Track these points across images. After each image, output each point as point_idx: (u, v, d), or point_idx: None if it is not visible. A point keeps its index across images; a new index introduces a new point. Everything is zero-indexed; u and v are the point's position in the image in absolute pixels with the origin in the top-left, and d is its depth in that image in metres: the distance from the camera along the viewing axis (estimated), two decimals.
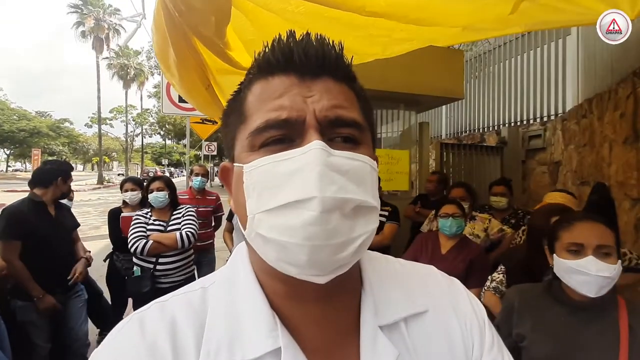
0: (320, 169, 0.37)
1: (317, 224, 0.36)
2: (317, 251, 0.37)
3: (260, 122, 0.41)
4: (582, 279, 1.10)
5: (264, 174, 0.40)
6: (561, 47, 4.62)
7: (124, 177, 3.85)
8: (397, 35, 1.55)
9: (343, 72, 0.45)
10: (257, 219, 0.40)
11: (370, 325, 0.45)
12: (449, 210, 2.29)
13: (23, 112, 40.21)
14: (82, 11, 33.64)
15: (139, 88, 42.16)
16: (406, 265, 0.56)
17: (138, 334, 0.42)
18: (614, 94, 2.79)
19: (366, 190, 0.40)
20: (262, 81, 0.44)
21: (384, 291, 0.49)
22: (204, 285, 0.48)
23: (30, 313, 2.27)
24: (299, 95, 0.41)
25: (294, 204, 0.37)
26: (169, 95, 5.30)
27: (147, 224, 2.61)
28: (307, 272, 0.39)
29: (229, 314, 0.44)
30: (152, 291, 2.51)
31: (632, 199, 2.50)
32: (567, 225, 1.19)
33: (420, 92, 3.62)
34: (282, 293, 0.44)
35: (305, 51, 0.42)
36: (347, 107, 0.43)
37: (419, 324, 0.47)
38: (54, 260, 2.36)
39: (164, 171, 41.84)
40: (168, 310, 0.45)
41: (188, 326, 0.43)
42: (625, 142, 2.59)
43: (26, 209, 2.32)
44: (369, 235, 0.41)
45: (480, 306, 0.53)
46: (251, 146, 0.42)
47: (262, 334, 0.42)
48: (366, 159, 0.42)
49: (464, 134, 6.87)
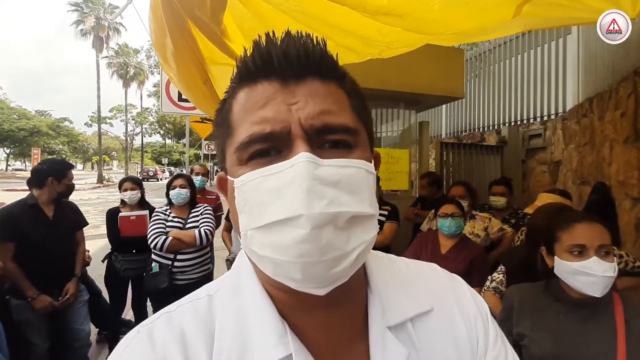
0: (308, 183, 0.35)
1: (308, 242, 0.35)
2: (310, 267, 0.36)
3: (244, 136, 0.40)
4: (588, 280, 1.10)
5: (253, 190, 0.38)
6: (562, 46, 4.61)
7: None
8: (393, 39, 1.54)
9: (329, 70, 0.42)
10: (249, 235, 0.39)
11: (378, 327, 0.45)
12: (448, 210, 2.29)
13: (23, 111, 40.22)
14: (82, 9, 33.61)
15: (139, 87, 42.20)
16: (410, 264, 0.55)
17: (148, 347, 0.41)
18: (614, 93, 2.78)
19: (362, 198, 0.38)
20: (245, 89, 0.42)
21: (390, 292, 0.48)
22: (209, 293, 0.47)
23: (26, 312, 2.27)
24: (282, 104, 0.39)
25: (283, 222, 0.36)
26: (169, 94, 5.29)
27: (166, 221, 2.65)
28: (304, 285, 0.38)
29: (237, 322, 0.43)
30: (170, 288, 2.53)
31: (632, 198, 2.49)
32: (566, 227, 1.20)
33: (420, 91, 3.61)
34: (288, 302, 0.44)
35: (286, 53, 0.40)
36: (335, 112, 0.40)
37: (425, 323, 0.47)
38: (51, 261, 2.34)
39: (164, 170, 41.86)
40: (176, 321, 0.44)
41: (198, 336, 0.42)
42: (626, 141, 2.58)
43: (19, 211, 2.31)
44: (367, 245, 0.39)
45: (483, 301, 0.53)
46: (239, 160, 0.41)
47: (272, 341, 0.41)
48: (360, 163, 0.40)
49: (464, 133, 6.86)
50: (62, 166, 2.53)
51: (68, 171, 2.52)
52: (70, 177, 2.53)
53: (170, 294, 2.61)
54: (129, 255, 3.01)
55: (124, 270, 3.00)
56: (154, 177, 35.07)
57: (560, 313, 1.20)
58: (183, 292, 2.05)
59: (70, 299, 2.42)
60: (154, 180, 33.37)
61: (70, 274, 2.48)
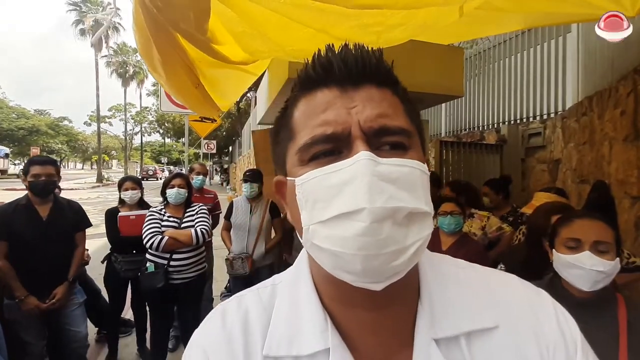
0: (369, 179, 0.37)
1: (368, 235, 0.37)
2: (370, 260, 0.38)
3: (307, 138, 0.42)
4: (577, 272, 1.13)
5: (315, 187, 0.40)
6: (561, 44, 4.59)
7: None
8: (390, 22, 1.51)
9: (385, 77, 0.45)
10: (311, 230, 0.41)
11: (424, 337, 0.43)
12: (448, 208, 2.33)
13: (22, 111, 40.19)
14: (80, 9, 33.52)
15: (138, 86, 42.11)
16: (481, 272, 0.51)
17: (220, 325, 0.48)
18: (614, 91, 2.78)
19: (418, 196, 0.40)
20: (306, 97, 0.45)
21: (445, 300, 0.45)
22: (274, 283, 0.52)
23: (16, 311, 2.26)
24: (342, 108, 0.42)
25: (346, 215, 0.38)
26: (167, 94, 5.28)
27: (161, 220, 2.64)
28: (362, 279, 0.40)
29: (290, 311, 0.47)
30: (166, 287, 2.53)
31: (632, 197, 2.49)
32: (566, 222, 1.22)
33: (420, 90, 3.59)
34: (336, 297, 0.46)
35: (345, 61, 0.43)
36: (392, 115, 0.43)
37: (484, 341, 0.43)
38: (42, 262, 2.31)
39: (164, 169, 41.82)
40: (243, 304, 0.50)
41: (257, 320, 0.48)
42: (626, 140, 2.57)
43: (12, 210, 2.30)
44: (424, 241, 0.41)
45: (573, 326, 0.48)
46: (301, 160, 0.43)
47: (316, 333, 0.44)
48: (415, 163, 0.41)
49: (463, 132, 6.85)
50: (28, 162, 2.42)
51: (30, 167, 2.34)
52: (32, 172, 2.32)
53: (166, 294, 2.61)
54: (129, 255, 3.00)
55: (124, 271, 2.99)
56: (153, 176, 35.06)
57: None
58: (179, 292, 2.09)
59: (56, 304, 2.34)
60: (154, 179, 33.34)
61: (63, 277, 2.42)
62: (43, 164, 2.36)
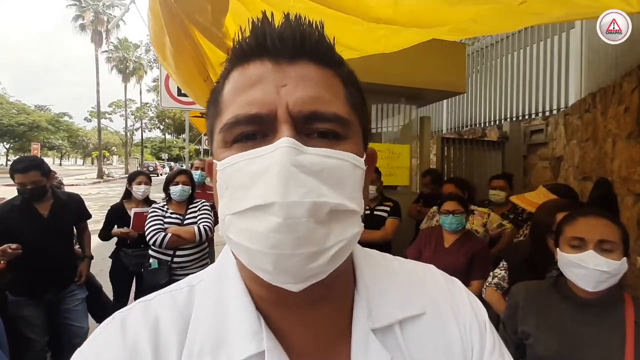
0: (286, 170, 0.33)
1: (282, 232, 0.33)
2: (283, 260, 0.35)
3: (230, 116, 0.38)
4: (580, 272, 1.11)
5: (234, 174, 0.37)
6: (564, 40, 4.56)
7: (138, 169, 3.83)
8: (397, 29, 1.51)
9: (325, 56, 0.40)
10: (227, 221, 0.38)
11: (362, 329, 0.43)
12: (450, 207, 2.32)
13: (22, 106, 40.09)
14: (80, 4, 33.38)
15: (138, 82, 41.99)
16: (405, 265, 0.53)
17: (119, 335, 0.41)
18: (618, 88, 2.76)
19: (344, 192, 0.36)
20: (238, 69, 0.41)
21: (379, 292, 0.46)
22: (190, 284, 0.47)
23: (22, 308, 2.26)
24: (272, 85, 0.38)
25: (260, 208, 0.34)
26: (168, 89, 5.26)
27: (164, 217, 2.64)
28: (277, 279, 0.37)
29: (215, 314, 0.42)
30: (169, 284, 2.53)
31: (635, 194, 2.48)
32: (571, 220, 1.20)
33: (422, 86, 3.58)
34: (267, 298, 0.42)
35: (281, 34, 0.38)
36: (327, 99, 0.38)
37: (414, 327, 0.45)
38: (44, 259, 2.31)
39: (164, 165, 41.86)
40: (152, 310, 0.43)
41: (172, 326, 0.42)
42: (629, 137, 2.56)
43: (8, 208, 2.29)
44: (347, 242, 0.37)
45: (481, 308, 0.51)
46: (224, 142, 0.40)
47: (247, 336, 0.40)
48: (347, 155, 0.37)
49: (465, 128, 6.83)
50: (11, 168, 2.27)
51: (14, 174, 2.22)
52: (17, 180, 2.22)
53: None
54: (141, 249, 2.98)
55: (133, 265, 2.98)
56: (153, 173, 35.05)
57: (568, 312, 1.18)
58: None
59: (83, 279, 2.54)
60: (154, 175, 33.34)
61: (66, 273, 2.46)
62: (25, 172, 2.20)
